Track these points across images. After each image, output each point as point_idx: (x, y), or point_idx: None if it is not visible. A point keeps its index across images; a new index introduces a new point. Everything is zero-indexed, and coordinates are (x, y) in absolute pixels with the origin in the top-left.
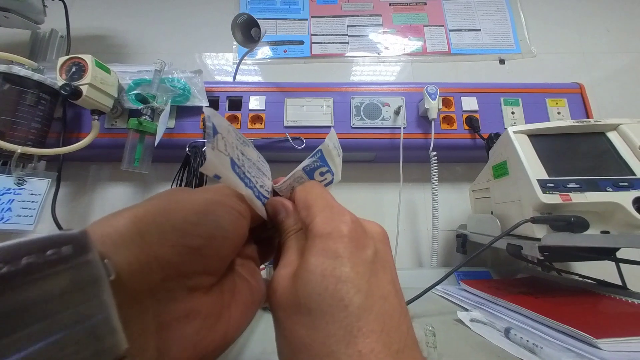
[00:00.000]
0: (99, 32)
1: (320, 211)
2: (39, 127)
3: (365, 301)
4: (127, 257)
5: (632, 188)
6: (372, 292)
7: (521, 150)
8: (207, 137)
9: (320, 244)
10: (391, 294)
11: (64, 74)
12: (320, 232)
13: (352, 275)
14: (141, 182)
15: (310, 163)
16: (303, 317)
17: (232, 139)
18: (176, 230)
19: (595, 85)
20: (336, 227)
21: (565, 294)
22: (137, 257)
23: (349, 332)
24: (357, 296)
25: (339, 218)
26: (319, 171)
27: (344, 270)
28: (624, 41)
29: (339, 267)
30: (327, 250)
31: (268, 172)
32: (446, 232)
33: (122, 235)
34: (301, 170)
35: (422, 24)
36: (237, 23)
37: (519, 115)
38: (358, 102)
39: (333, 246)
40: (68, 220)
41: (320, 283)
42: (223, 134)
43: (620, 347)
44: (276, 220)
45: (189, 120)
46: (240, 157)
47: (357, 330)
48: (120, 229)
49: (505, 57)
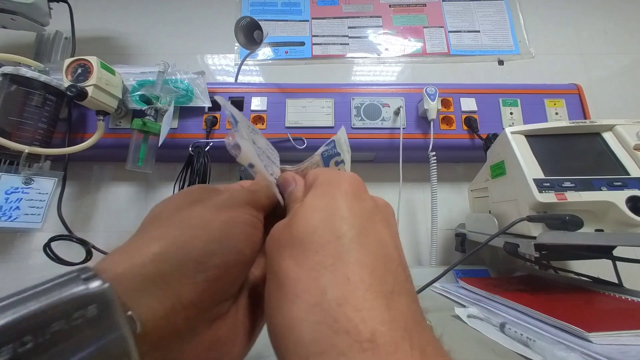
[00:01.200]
0: (103, 34)
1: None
2: (45, 127)
3: (358, 238)
4: (152, 304)
5: (626, 187)
6: (367, 233)
7: (518, 150)
8: (232, 126)
9: (319, 188)
10: (389, 244)
11: (70, 75)
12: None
13: (347, 215)
14: (144, 181)
15: (327, 149)
16: (295, 249)
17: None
18: (196, 264)
19: (593, 86)
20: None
21: (560, 291)
22: (162, 302)
23: (337, 258)
24: (351, 231)
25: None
26: (335, 160)
27: (341, 207)
28: (622, 42)
29: (336, 206)
30: (326, 194)
31: (277, 159)
32: (445, 231)
33: (144, 280)
34: (319, 155)
35: (422, 25)
36: (239, 26)
37: (517, 116)
38: (358, 103)
39: (332, 190)
40: (73, 219)
41: (315, 216)
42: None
43: (610, 341)
44: (286, 192)
45: (192, 121)
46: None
47: (346, 258)
48: (142, 272)
49: (504, 58)
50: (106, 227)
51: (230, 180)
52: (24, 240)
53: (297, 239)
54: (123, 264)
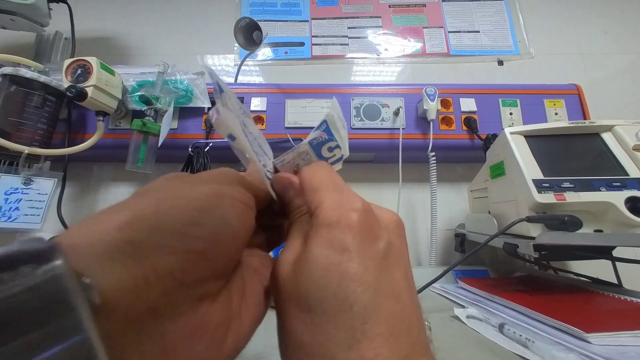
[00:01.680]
0: (103, 34)
1: (327, 195)
2: (45, 127)
3: (372, 301)
4: (117, 273)
5: (625, 188)
6: (381, 291)
7: (517, 150)
8: (215, 93)
9: (325, 234)
10: (403, 292)
11: (70, 75)
12: (326, 220)
13: (360, 271)
14: (144, 181)
15: (317, 136)
16: (302, 312)
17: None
18: (175, 234)
19: (593, 86)
20: (345, 215)
21: (560, 291)
22: (131, 271)
23: (352, 335)
24: (364, 295)
25: (349, 204)
26: (327, 146)
27: (351, 265)
28: (622, 42)
29: (346, 262)
30: (333, 241)
31: (269, 151)
32: (445, 231)
33: (108, 246)
34: (307, 144)
35: (422, 25)
36: (239, 26)
37: (517, 116)
38: (358, 103)
39: (340, 236)
40: (73, 220)
41: (324, 278)
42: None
43: (609, 341)
44: (284, 198)
45: (192, 121)
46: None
47: (361, 334)
48: (105, 238)
49: (503, 59)
50: None
51: None
52: None
53: (304, 300)
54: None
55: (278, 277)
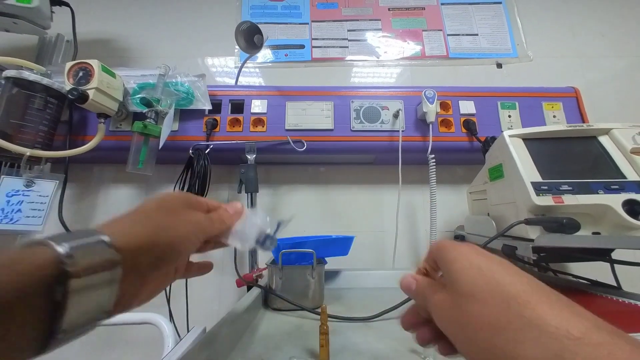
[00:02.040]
0: (104, 37)
1: (449, 251)
2: (46, 130)
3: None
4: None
5: (623, 191)
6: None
7: (516, 153)
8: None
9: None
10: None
11: (72, 78)
12: (454, 256)
13: (488, 264)
14: (144, 183)
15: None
16: (469, 302)
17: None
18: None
19: (591, 88)
20: (461, 251)
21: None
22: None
23: (517, 330)
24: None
25: (460, 245)
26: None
27: (482, 259)
28: (619, 45)
29: (480, 260)
30: (462, 257)
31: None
32: (444, 233)
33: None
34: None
35: (421, 28)
36: (240, 30)
37: (515, 119)
38: (358, 106)
39: (467, 254)
40: (73, 221)
41: (471, 273)
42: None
43: None
44: (410, 290)
45: (192, 123)
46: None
47: (519, 325)
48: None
49: (502, 61)
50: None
51: (230, 183)
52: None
53: (465, 294)
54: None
55: (437, 301)
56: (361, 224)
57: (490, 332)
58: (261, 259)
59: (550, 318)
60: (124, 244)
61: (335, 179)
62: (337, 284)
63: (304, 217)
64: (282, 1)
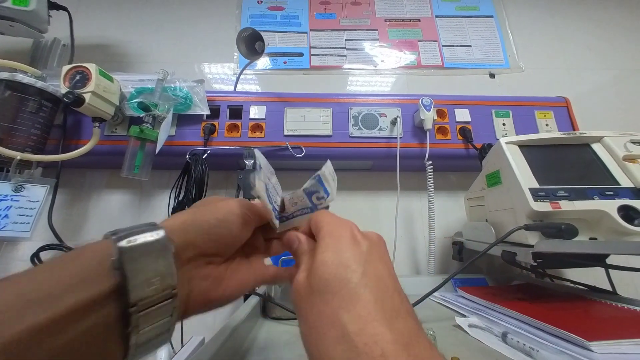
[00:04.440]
0: (102, 41)
1: (326, 224)
2: (39, 133)
3: (361, 279)
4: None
5: (617, 197)
6: (367, 272)
7: (513, 160)
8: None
9: (325, 242)
10: (384, 276)
11: (68, 81)
12: (326, 235)
13: (350, 261)
14: (138, 189)
15: (310, 186)
16: (316, 297)
17: (266, 171)
18: (204, 230)
19: (580, 99)
20: (337, 230)
21: (558, 299)
22: (184, 241)
23: (349, 301)
24: (355, 275)
25: (341, 225)
26: (316, 195)
27: (344, 256)
28: (605, 58)
29: (342, 257)
30: (332, 247)
31: (280, 191)
32: (442, 239)
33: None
34: (302, 191)
35: (417, 39)
36: (242, 37)
37: (509, 127)
38: (356, 113)
39: (336, 244)
40: (63, 228)
41: (328, 270)
42: (263, 168)
43: (611, 349)
44: (292, 248)
45: (190, 128)
46: (268, 183)
47: (356, 299)
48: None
49: (495, 72)
50: (98, 235)
51: (227, 189)
52: (9, 250)
53: (316, 290)
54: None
55: (297, 288)
56: None
57: (315, 330)
58: None
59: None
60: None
61: None
62: None
63: None
64: (281, 10)
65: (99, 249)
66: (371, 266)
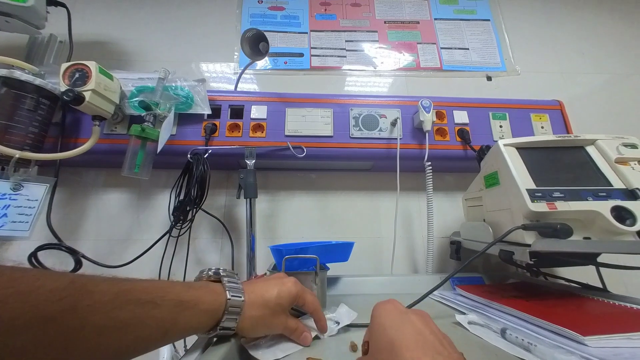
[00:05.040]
0: (101, 39)
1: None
2: (37, 131)
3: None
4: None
5: (610, 198)
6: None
7: (511, 161)
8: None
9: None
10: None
11: (67, 79)
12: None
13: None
14: (137, 188)
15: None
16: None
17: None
18: (252, 331)
19: (574, 102)
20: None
21: (553, 296)
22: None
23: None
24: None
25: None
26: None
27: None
28: (597, 63)
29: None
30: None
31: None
32: (440, 239)
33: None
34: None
35: (416, 41)
36: (246, 37)
37: (506, 129)
38: (357, 113)
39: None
40: (62, 227)
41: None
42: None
43: (604, 344)
44: None
45: (191, 128)
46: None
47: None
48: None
49: (492, 75)
50: (97, 235)
51: (228, 189)
52: (6, 249)
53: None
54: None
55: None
56: (359, 230)
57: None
58: (259, 266)
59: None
60: (244, 312)
61: (333, 185)
62: (336, 290)
63: (302, 223)
64: (282, 10)
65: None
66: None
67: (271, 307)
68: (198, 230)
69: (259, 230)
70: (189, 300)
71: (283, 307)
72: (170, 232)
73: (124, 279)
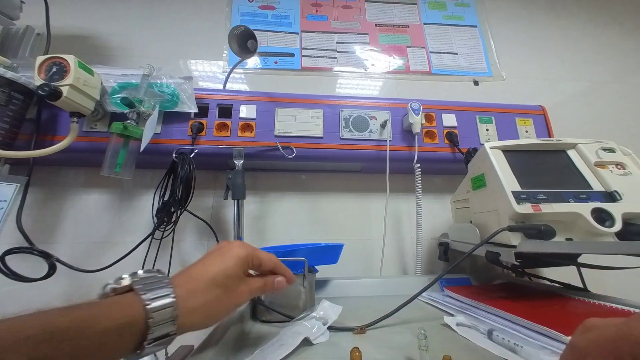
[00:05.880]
0: (81, 32)
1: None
2: (7, 127)
3: None
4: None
5: (590, 200)
6: None
7: (497, 164)
8: None
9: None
10: None
11: (44, 73)
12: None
13: None
14: (118, 188)
15: None
16: None
17: None
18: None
19: (555, 107)
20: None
21: (537, 297)
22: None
23: None
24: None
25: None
26: None
27: None
28: (577, 70)
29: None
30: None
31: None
32: (429, 240)
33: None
34: None
35: (405, 44)
36: (234, 34)
37: (492, 132)
38: (347, 115)
39: None
40: (34, 230)
41: None
42: None
43: None
44: None
45: (177, 126)
46: None
47: None
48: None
49: (478, 79)
50: (73, 237)
51: (215, 189)
52: None
53: None
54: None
55: None
56: (348, 232)
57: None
58: None
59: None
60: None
61: (322, 187)
62: (325, 293)
63: (291, 225)
64: (273, 10)
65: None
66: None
67: (221, 284)
68: (183, 233)
69: (247, 232)
70: (67, 328)
71: (236, 276)
72: (153, 235)
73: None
